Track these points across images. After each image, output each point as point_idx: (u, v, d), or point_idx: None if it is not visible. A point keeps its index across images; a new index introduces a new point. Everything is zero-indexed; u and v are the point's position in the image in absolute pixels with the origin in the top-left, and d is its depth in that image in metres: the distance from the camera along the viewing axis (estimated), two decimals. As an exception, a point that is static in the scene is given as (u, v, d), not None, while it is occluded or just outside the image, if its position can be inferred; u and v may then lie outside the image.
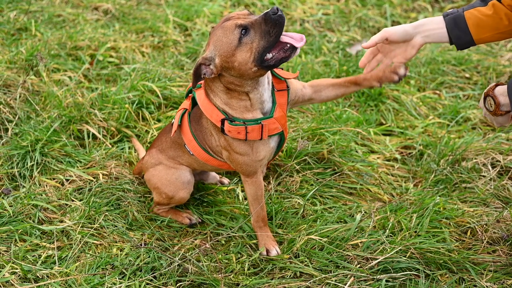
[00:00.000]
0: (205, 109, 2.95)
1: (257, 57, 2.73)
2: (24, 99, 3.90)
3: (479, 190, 3.52)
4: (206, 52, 2.81)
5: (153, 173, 3.28)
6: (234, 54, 2.74)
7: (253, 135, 2.91)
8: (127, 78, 4.14)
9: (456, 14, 2.84)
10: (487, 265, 3.04)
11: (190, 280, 2.92)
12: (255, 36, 2.71)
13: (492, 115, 2.84)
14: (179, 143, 3.19)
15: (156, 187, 3.27)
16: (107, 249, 3.09)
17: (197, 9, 5.00)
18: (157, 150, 3.30)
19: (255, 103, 2.91)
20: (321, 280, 2.94)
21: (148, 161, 3.32)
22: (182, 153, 3.21)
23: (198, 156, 3.12)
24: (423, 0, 5.45)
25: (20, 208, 3.24)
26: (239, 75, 2.80)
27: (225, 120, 2.90)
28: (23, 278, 2.89)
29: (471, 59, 4.65)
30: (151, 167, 3.30)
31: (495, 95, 2.76)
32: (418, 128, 4.01)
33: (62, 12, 4.90)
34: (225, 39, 2.74)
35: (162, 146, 3.28)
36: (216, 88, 2.91)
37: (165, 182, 3.24)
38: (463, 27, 2.83)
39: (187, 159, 3.22)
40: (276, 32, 2.70)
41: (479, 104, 2.93)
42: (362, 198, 3.51)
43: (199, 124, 3.07)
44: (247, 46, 2.72)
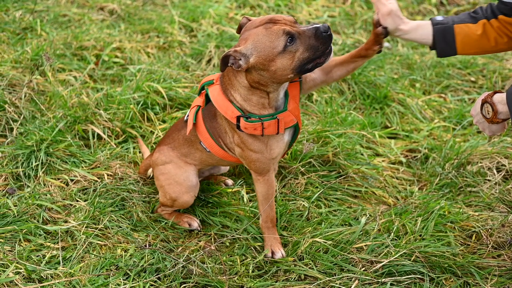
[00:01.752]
0: (219, 105, 2.94)
1: (297, 66, 2.76)
2: (29, 99, 3.90)
3: (484, 194, 3.51)
4: (241, 46, 2.77)
5: (162, 171, 3.27)
6: (275, 60, 2.74)
7: (270, 130, 2.92)
8: (132, 78, 4.14)
9: (446, 26, 2.85)
10: (492, 269, 3.03)
11: (194, 281, 2.91)
12: (300, 46, 2.74)
13: (488, 123, 2.80)
14: (193, 141, 3.17)
15: (161, 186, 3.26)
16: (111, 250, 3.08)
17: (202, 10, 5.00)
18: (169, 147, 3.26)
19: (272, 101, 2.92)
20: (325, 283, 2.93)
21: (159, 158, 3.28)
22: (195, 150, 3.19)
23: (215, 153, 3.12)
24: (429, 3, 5.45)
25: (25, 208, 3.24)
26: (270, 78, 2.81)
27: (240, 117, 2.90)
28: (27, 278, 2.88)
29: (476, 62, 4.65)
30: (161, 165, 3.28)
31: (494, 103, 2.73)
32: (423, 131, 4.01)
33: (67, 12, 4.90)
34: (268, 43, 2.73)
35: (174, 144, 3.25)
36: (238, 83, 2.90)
37: (172, 182, 3.23)
38: (451, 41, 2.84)
39: (200, 156, 3.21)
40: (324, 48, 2.75)
41: (471, 111, 2.90)
42: (367, 201, 3.51)
43: (214, 121, 3.06)
44: (290, 54, 2.74)
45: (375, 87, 4.29)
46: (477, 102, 2.85)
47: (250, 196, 3.46)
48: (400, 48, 4.91)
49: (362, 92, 4.26)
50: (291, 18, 2.80)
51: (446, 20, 2.87)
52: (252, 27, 2.81)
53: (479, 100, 2.82)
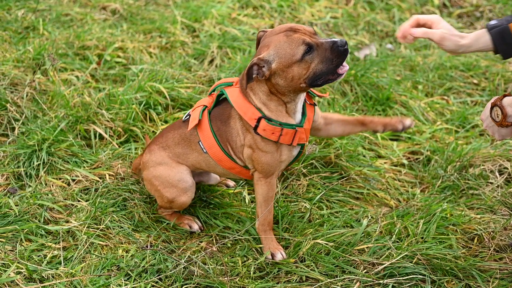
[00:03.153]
0: (239, 106, 2.98)
1: (311, 76, 2.86)
2: (31, 98, 3.90)
3: (486, 197, 3.51)
4: (264, 54, 2.86)
5: (154, 174, 3.22)
6: (292, 67, 2.83)
7: (285, 139, 2.98)
8: (134, 78, 4.14)
9: (501, 27, 2.82)
10: (494, 272, 3.03)
11: (195, 282, 2.91)
12: (316, 57, 2.84)
13: (497, 126, 2.80)
14: (191, 140, 3.16)
15: (157, 190, 3.23)
16: (112, 250, 3.08)
17: (205, 10, 4.99)
18: (160, 147, 3.24)
19: (290, 111, 2.98)
20: (327, 284, 2.93)
21: (150, 159, 3.24)
22: (190, 150, 3.18)
23: (213, 154, 3.11)
24: (432, 5, 5.44)
25: (26, 208, 3.23)
26: (287, 86, 2.89)
27: (261, 118, 2.95)
28: (28, 278, 2.88)
29: (479, 65, 4.64)
30: (152, 166, 3.24)
31: (503, 106, 2.73)
32: (426, 133, 4.00)
33: (70, 11, 4.90)
34: (289, 50, 2.82)
35: (167, 143, 3.23)
36: (258, 88, 2.96)
37: (167, 184, 3.20)
38: (510, 41, 2.82)
39: (195, 158, 3.19)
40: (338, 62, 2.84)
41: (481, 116, 2.90)
42: (369, 203, 3.50)
43: (225, 124, 3.08)
44: (306, 64, 2.83)
45: (378, 88, 4.28)
46: (486, 106, 2.85)
47: (252, 197, 3.46)
48: (402, 50, 4.91)
49: (364, 94, 4.25)
50: (311, 29, 2.90)
51: (500, 22, 2.85)
52: (272, 35, 2.90)
53: (489, 104, 2.81)
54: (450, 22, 5.26)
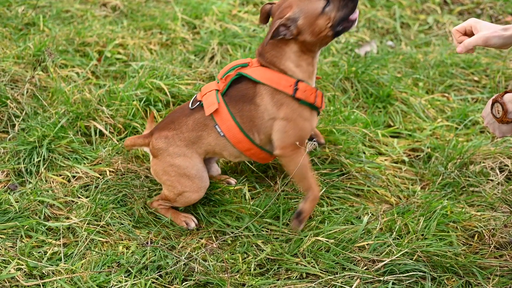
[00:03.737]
0: (270, 80, 3.11)
1: (334, 25, 3.07)
2: (31, 95, 3.90)
3: (486, 194, 3.51)
4: (289, 13, 3.03)
5: (171, 162, 3.19)
6: (316, 20, 3.04)
7: (318, 101, 3.19)
8: (135, 75, 4.14)
9: None
10: (494, 269, 3.03)
11: (196, 279, 2.91)
12: (334, 8, 3.05)
13: (498, 122, 2.81)
14: (206, 125, 3.18)
15: (170, 179, 3.19)
16: (113, 247, 3.08)
17: (205, 7, 4.99)
18: (175, 134, 3.21)
19: (313, 72, 3.21)
20: (327, 281, 2.93)
21: (166, 147, 3.20)
22: (206, 135, 3.19)
23: (231, 137, 3.15)
24: (432, 2, 5.43)
25: (26, 204, 3.24)
26: (314, 39, 3.09)
27: (299, 81, 3.12)
28: (29, 275, 2.88)
29: (480, 62, 4.63)
30: (169, 155, 3.20)
31: (504, 102, 2.73)
32: (426, 130, 4.00)
33: (70, 8, 4.90)
34: (311, 5, 3.04)
35: (181, 130, 3.21)
36: (289, 50, 3.12)
37: (183, 176, 3.18)
38: None
39: (209, 142, 3.20)
40: (353, 5, 3.07)
41: (483, 113, 2.90)
42: (369, 200, 3.50)
43: (250, 103, 3.15)
44: (327, 15, 3.05)
45: (378, 85, 4.28)
46: (488, 103, 2.86)
47: (252, 194, 3.46)
48: (403, 47, 4.90)
49: (365, 91, 4.25)
50: None
51: None
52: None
53: (490, 100, 2.82)
54: (450, 19, 5.25)
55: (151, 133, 3.31)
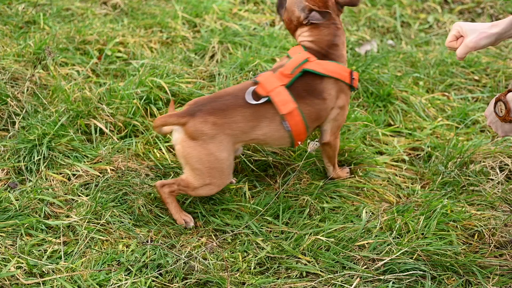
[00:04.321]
0: (334, 71, 3.24)
1: None
2: (31, 93, 3.89)
3: (486, 194, 3.51)
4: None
5: (210, 151, 3.09)
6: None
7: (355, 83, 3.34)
8: (135, 73, 4.13)
9: None
10: (494, 268, 3.03)
11: (196, 278, 2.91)
12: None
13: (500, 121, 2.81)
14: (265, 117, 3.18)
15: (203, 168, 3.10)
16: (113, 245, 3.08)
17: (206, 5, 4.98)
18: (224, 122, 3.12)
19: None
20: (327, 280, 2.93)
21: (208, 133, 3.08)
22: (265, 126, 3.19)
23: (296, 130, 3.22)
24: (433, 1, 5.43)
25: (26, 202, 3.23)
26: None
27: (351, 71, 3.29)
28: (29, 273, 2.88)
29: (480, 61, 4.63)
30: (211, 142, 3.08)
31: (507, 101, 2.73)
32: (427, 129, 4.00)
33: (71, 6, 4.90)
34: None
35: (233, 119, 3.13)
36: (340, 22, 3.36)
37: (218, 168, 3.11)
38: None
39: (264, 133, 3.20)
40: None
41: (485, 112, 2.90)
42: (369, 198, 3.50)
43: (320, 97, 3.23)
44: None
45: (379, 84, 4.28)
46: (490, 102, 2.86)
47: (252, 193, 3.46)
48: (404, 46, 4.90)
49: (365, 90, 4.25)
50: None
51: None
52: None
53: (494, 99, 2.82)
54: (451, 18, 5.25)
55: (190, 113, 3.13)
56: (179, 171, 3.52)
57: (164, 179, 3.46)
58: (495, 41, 2.86)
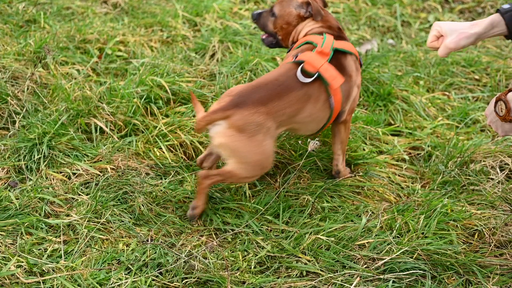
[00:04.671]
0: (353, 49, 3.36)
1: None
2: (32, 92, 3.89)
3: (487, 193, 3.51)
4: None
5: (261, 142, 3.04)
6: None
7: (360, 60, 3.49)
8: (135, 72, 4.13)
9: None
10: (494, 268, 3.03)
11: (196, 277, 2.91)
12: None
13: (501, 121, 2.81)
14: (312, 97, 3.19)
15: (253, 160, 3.07)
16: (113, 244, 3.08)
17: (206, 4, 4.99)
18: (279, 109, 3.09)
19: None
20: (327, 279, 2.93)
21: (251, 120, 3.01)
22: (310, 107, 3.19)
23: (336, 108, 3.26)
24: (433, 0, 5.43)
25: (27, 201, 3.23)
26: None
27: None
28: (29, 272, 2.88)
29: (480, 60, 4.64)
30: (262, 134, 3.03)
31: (508, 100, 2.73)
32: (427, 129, 4.00)
33: (71, 5, 4.90)
34: None
35: (279, 106, 3.10)
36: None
37: (268, 157, 3.09)
38: None
39: (308, 115, 3.20)
40: None
41: (486, 111, 2.90)
42: (370, 198, 3.50)
43: (347, 74, 3.30)
44: None
45: (379, 84, 4.28)
46: (491, 102, 2.86)
47: (253, 192, 3.46)
48: (404, 45, 4.90)
49: (366, 89, 4.25)
50: None
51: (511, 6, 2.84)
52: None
53: (494, 99, 2.82)
54: (451, 18, 5.25)
55: (235, 105, 3.06)
56: (179, 170, 3.52)
57: (164, 178, 3.46)
58: (475, 41, 2.86)
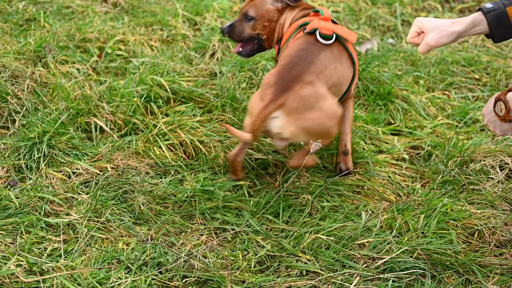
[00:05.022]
0: None
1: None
2: (32, 91, 3.89)
3: (487, 193, 3.51)
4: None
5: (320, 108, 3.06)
6: None
7: None
8: (135, 71, 4.13)
9: (498, 11, 2.80)
10: (494, 267, 3.03)
11: (196, 276, 2.91)
12: None
13: (500, 121, 2.80)
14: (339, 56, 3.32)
15: (330, 127, 3.12)
16: (113, 243, 3.08)
17: (206, 3, 4.98)
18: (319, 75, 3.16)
19: None
20: (327, 279, 2.93)
21: (305, 94, 3.03)
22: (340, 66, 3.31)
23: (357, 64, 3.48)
24: (434, 0, 5.43)
25: (27, 200, 3.23)
26: None
27: None
28: (29, 271, 2.88)
29: (480, 60, 4.64)
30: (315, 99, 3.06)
31: (507, 100, 2.72)
32: (427, 128, 4.00)
33: (71, 4, 4.89)
34: None
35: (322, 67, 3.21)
36: None
37: (334, 119, 3.15)
38: (507, 25, 2.80)
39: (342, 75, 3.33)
40: None
41: (483, 111, 2.89)
42: (370, 197, 3.50)
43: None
44: None
45: (379, 83, 4.28)
46: (489, 101, 2.85)
47: (253, 191, 3.46)
48: (404, 45, 4.90)
49: (366, 88, 4.25)
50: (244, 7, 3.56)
51: (496, 6, 2.82)
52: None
53: (492, 98, 2.81)
54: (452, 17, 5.25)
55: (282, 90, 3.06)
56: (179, 169, 3.53)
57: (164, 177, 3.46)
58: (455, 39, 2.85)
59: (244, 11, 3.58)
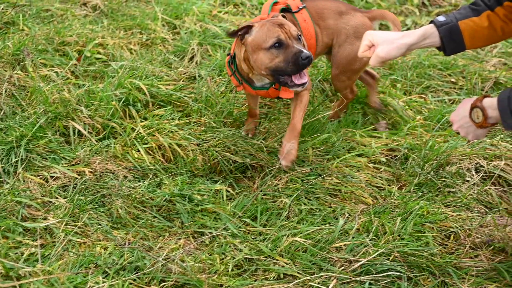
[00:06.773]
0: None
1: (272, 69, 3.27)
2: (10, 94, 3.88)
3: (462, 195, 3.54)
4: (253, 26, 3.31)
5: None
6: (259, 51, 3.28)
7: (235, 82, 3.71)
8: (114, 75, 4.13)
9: (451, 25, 2.83)
10: (469, 269, 3.06)
11: (173, 280, 2.91)
12: (282, 54, 3.24)
13: (477, 128, 2.80)
14: None
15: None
16: (90, 248, 3.07)
17: (186, 7, 4.99)
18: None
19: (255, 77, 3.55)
20: (304, 282, 2.95)
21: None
22: None
23: None
24: (411, 4, 5.47)
25: (3, 205, 3.22)
26: (252, 63, 3.36)
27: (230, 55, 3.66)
28: (5, 276, 2.86)
29: (457, 64, 4.68)
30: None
31: (484, 107, 2.73)
32: (404, 130, 4.02)
33: (50, 7, 4.88)
34: (264, 36, 3.26)
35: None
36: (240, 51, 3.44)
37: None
38: (459, 39, 2.83)
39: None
40: (293, 69, 3.22)
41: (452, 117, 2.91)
42: (347, 200, 3.52)
43: None
44: (271, 55, 3.26)
45: (357, 86, 4.31)
46: (458, 107, 2.86)
47: (230, 195, 3.47)
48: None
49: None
50: (296, 32, 3.28)
51: (449, 19, 2.85)
52: (269, 17, 3.42)
53: (465, 104, 2.81)
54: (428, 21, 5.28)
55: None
56: (158, 173, 3.53)
57: (142, 181, 3.46)
58: (405, 51, 2.89)
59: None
